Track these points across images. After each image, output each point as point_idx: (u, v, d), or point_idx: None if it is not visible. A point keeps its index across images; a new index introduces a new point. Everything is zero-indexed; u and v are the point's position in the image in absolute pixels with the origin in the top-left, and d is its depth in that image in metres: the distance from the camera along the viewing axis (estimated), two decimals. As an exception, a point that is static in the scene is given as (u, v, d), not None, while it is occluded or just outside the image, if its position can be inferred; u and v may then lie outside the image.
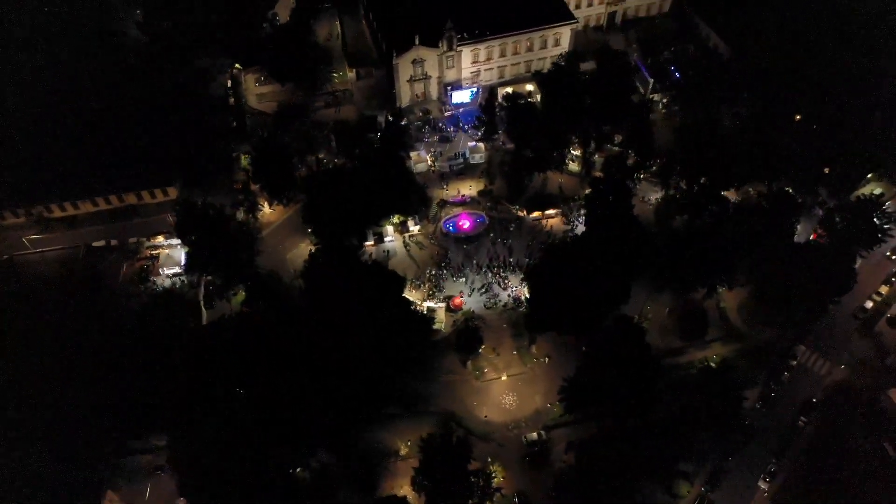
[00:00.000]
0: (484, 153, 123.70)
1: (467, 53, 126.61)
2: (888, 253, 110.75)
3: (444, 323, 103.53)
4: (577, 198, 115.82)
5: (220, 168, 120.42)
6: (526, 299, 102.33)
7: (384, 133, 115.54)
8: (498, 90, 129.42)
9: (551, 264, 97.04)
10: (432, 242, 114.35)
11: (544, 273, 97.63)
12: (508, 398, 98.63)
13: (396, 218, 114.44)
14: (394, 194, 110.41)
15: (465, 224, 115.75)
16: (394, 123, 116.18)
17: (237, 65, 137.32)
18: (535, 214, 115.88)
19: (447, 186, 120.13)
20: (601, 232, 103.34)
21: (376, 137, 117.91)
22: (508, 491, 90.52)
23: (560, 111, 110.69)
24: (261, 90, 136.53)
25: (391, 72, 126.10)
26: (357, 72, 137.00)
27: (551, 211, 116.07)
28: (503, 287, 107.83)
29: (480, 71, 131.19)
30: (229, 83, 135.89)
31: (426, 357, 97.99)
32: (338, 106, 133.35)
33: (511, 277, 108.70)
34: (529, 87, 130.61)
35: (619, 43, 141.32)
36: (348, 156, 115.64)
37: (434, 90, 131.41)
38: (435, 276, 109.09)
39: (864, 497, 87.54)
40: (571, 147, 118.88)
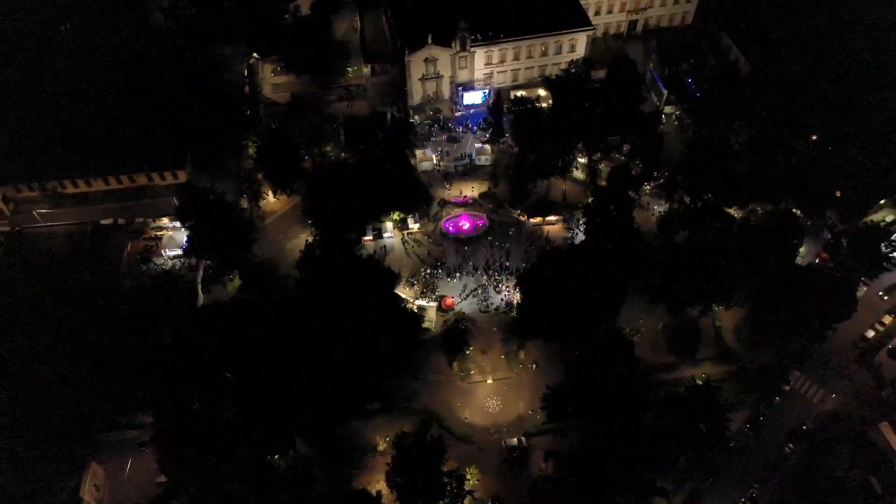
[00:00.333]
0: (490, 155, 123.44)
1: (480, 55, 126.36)
2: (880, 293, 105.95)
3: (434, 322, 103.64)
4: (580, 206, 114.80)
5: (230, 155, 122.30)
6: (517, 304, 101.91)
7: (389, 129, 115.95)
8: (511, 93, 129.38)
9: (545, 270, 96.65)
10: (430, 241, 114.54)
11: (537, 279, 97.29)
12: (492, 402, 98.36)
13: (396, 215, 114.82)
14: (396, 191, 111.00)
15: (465, 225, 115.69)
16: (400, 120, 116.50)
17: (255, 54, 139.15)
18: (536, 220, 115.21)
19: (450, 186, 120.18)
20: (599, 241, 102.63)
21: (384, 134, 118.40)
22: (484, 494, 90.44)
23: (567, 118, 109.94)
24: (276, 80, 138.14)
25: (404, 69, 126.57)
26: (372, 67, 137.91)
27: (552, 218, 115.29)
28: (496, 291, 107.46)
29: (493, 73, 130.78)
30: (246, 72, 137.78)
31: (413, 355, 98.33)
32: (350, 100, 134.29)
33: (505, 281, 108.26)
34: (542, 92, 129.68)
35: (638, 52, 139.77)
36: (355, 151, 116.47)
37: (446, 90, 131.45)
38: (429, 275, 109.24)
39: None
40: (577, 155, 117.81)
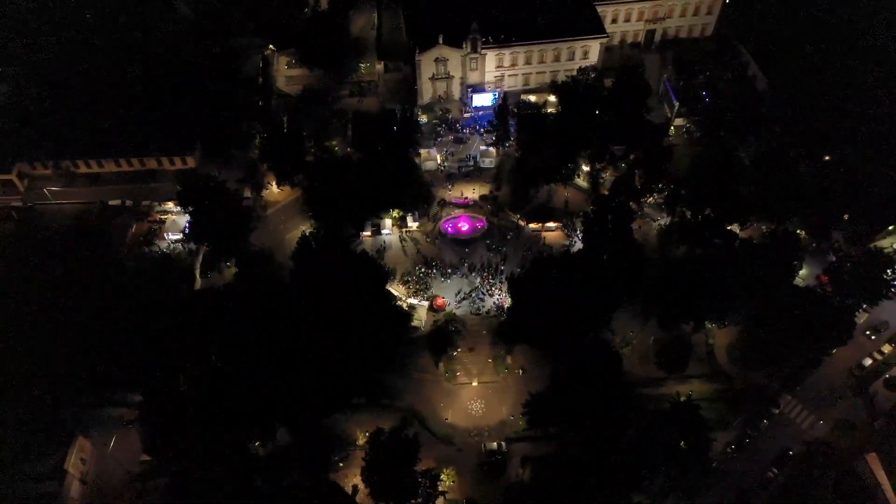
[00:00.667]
0: (495, 158, 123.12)
1: (491, 57, 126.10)
2: (868, 332, 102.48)
3: (424, 321, 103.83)
4: (581, 214, 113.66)
5: (239, 144, 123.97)
6: (507, 308, 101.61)
7: (393, 127, 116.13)
8: (521, 97, 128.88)
9: (537, 276, 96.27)
10: (428, 241, 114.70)
11: (528, 284, 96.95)
12: (476, 405, 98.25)
13: (396, 212, 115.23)
14: (397, 189, 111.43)
15: (464, 226, 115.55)
16: (406, 118, 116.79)
17: (271, 46, 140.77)
18: (535, 226, 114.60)
19: (452, 187, 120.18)
20: (596, 251, 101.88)
21: (391, 131, 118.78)
22: (459, 496, 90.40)
23: (572, 124, 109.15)
24: (290, 73, 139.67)
25: (415, 67, 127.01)
26: (385, 65, 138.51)
27: (551, 224, 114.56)
28: (489, 294, 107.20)
29: (504, 76, 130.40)
30: (261, 63, 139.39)
31: (400, 352, 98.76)
32: (361, 96, 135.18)
33: (499, 285, 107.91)
34: (553, 98, 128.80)
35: (654, 62, 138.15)
36: (361, 146, 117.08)
37: (456, 90, 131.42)
38: (424, 274, 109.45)
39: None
40: (581, 162, 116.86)
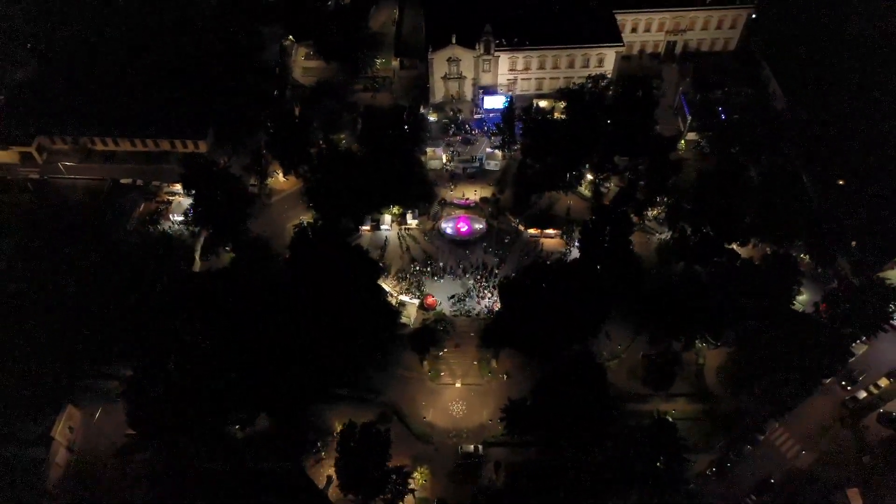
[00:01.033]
0: (500, 161, 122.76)
1: (504, 60, 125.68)
2: (843, 382, 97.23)
3: (413, 319, 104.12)
4: (580, 223, 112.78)
5: (249, 132, 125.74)
6: (496, 311, 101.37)
7: (400, 124, 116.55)
8: (533, 102, 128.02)
9: (527, 282, 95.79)
10: (426, 239, 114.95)
11: (518, 289, 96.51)
12: (457, 406, 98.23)
13: (396, 209, 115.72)
14: (400, 185, 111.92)
15: (463, 227, 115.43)
16: (413, 115, 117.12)
17: (290, 36, 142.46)
18: (533, 232, 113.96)
19: (454, 187, 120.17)
20: (591, 260, 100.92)
21: (400, 127, 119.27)
22: (430, 496, 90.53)
23: (577, 132, 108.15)
24: (307, 64, 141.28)
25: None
26: (401, 61, 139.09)
27: (550, 231, 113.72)
28: (480, 297, 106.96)
29: (517, 80, 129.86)
30: (279, 53, 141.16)
31: (386, 348, 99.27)
32: (375, 91, 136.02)
33: (491, 289, 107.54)
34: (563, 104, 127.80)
35: (672, 74, 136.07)
36: (368, 141, 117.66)
37: (468, 91, 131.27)
38: (418, 272, 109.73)
39: None
40: (585, 171, 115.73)
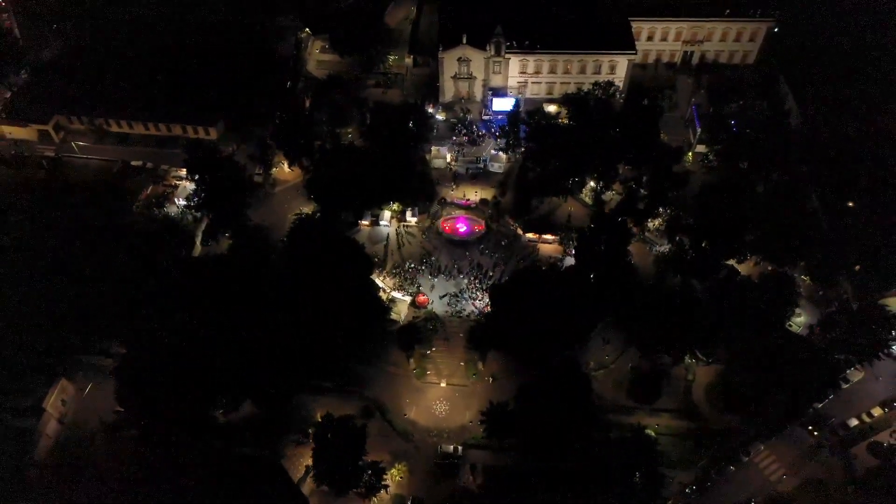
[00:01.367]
0: (504, 163, 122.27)
1: (515, 62, 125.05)
2: (810, 428, 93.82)
3: (403, 316, 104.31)
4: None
5: (259, 122, 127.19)
6: (486, 313, 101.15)
7: (409, 121, 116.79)
8: (544, 106, 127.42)
9: (517, 286, 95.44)
10: (424, 237, 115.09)
11: (508, 293, 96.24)
12: (440, 405, 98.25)
13: (396, 205, 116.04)
14: (402, 183, 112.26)
15: (462, 228, 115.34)
16: (419, 113, 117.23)
17: (307, 29, 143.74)
18: (532, 236, 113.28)
19: (455, 187, 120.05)
20: (586, 268, 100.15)
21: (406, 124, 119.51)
22: (406, 493, 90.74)
23: (581, 138, 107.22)
24: (322, 57, 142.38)
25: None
26: (414, 58, 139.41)
27: (548, 236, 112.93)
28: (471, 298, 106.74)
29: (528, 82, 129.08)
30: (294, 45, 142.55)
31: (373, 343, 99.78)
32: (386, 88, 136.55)
33: (483, 290, 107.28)
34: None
35: (687, 85, 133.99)
36: (373, 136, 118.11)
37: (478, 92, 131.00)
38: (412, 270, 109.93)
39: None
40: (587, 178, 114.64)
